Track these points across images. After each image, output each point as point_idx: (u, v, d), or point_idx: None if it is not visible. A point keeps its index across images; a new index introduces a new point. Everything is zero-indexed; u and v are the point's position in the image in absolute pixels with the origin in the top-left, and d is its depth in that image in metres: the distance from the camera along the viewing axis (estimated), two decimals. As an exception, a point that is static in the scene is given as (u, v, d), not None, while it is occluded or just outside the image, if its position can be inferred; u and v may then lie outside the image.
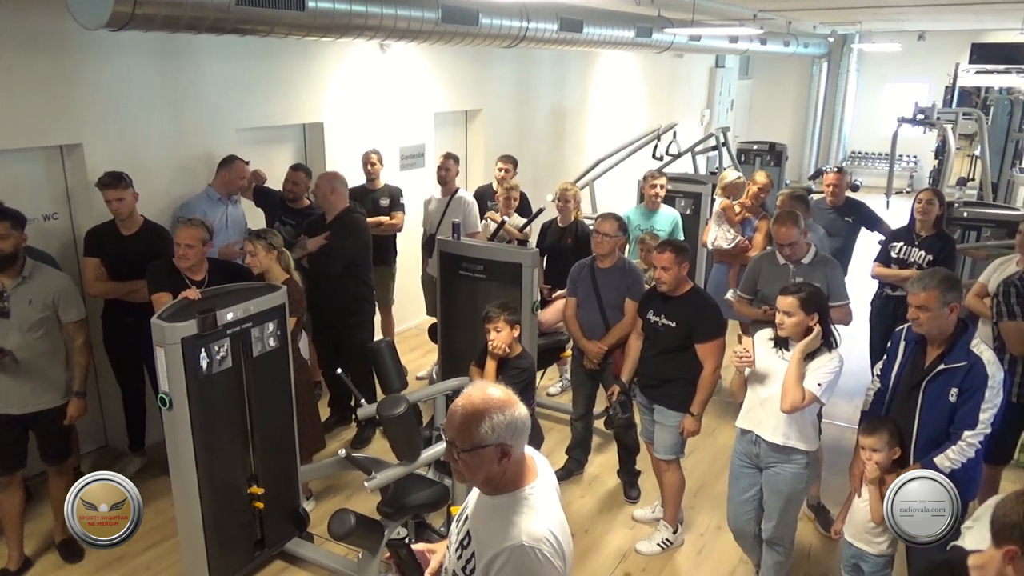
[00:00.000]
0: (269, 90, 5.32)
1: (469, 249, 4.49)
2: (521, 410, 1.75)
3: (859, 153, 15.12)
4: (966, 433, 2.76)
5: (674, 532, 4.01)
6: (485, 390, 1.78)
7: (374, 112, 6.20)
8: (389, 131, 6.35)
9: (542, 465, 1.92)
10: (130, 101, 4.49)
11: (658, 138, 7.05)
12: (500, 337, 3.38)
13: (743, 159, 9.29)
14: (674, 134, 7.25)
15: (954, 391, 2.79)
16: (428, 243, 5.64)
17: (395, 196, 5.57)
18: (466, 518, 1.89)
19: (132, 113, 4.51)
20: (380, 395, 3.56)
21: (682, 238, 5.27)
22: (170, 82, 4.69)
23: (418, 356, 6.38)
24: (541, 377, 5.41)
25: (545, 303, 5.19)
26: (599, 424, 4.96)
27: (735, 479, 3.42)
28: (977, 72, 12.98)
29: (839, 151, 14.82)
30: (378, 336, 5.40)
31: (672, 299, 3.70)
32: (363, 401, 3.56)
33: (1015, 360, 3.62)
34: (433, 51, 6.58)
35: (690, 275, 3.77)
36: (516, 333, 3.43)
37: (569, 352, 4.83)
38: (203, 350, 3.16)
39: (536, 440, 3.51)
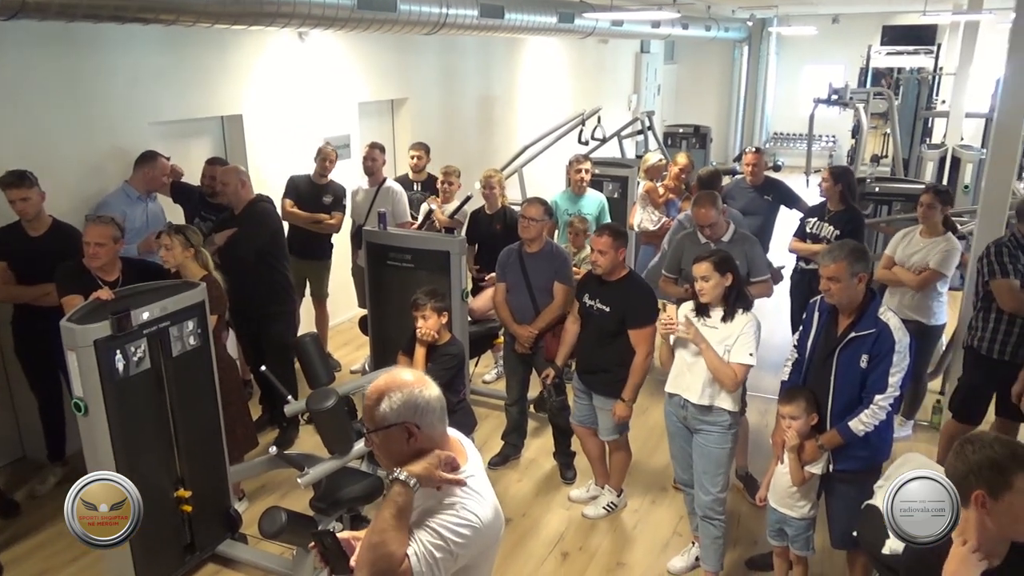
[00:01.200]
0: (184, 82, 5.14)
1: (396, 239, 4.45)
2: (427, 390, 1.74)
3: (781, 134, 15.58)
4: (877, 397, 2.88)
5: (618, 496, 4.12)
6: (394, 373, 1.78)
7: (295, 103, 6.07)
8: (312, 122, 6.23)
9: (471, 448, 1.92)
10: (31, 95, 4.27)
11: (583, 123, 7.11)
12: (428, 324, 3.37)
13: (669, 142, 9.48)
14: (598, 119, 7.32)
15: (865, 357, 2.90)
16: (357, 235, 5.56)
17: (338, 196, 5.49)
18: None
19: (34, 108, 4.29)
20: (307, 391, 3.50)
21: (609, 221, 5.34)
22: (75, 75, 4.48)
23: (352, 350, 6.31)
24: (476, 364, 5.43)
25: (479, 289, 5.21)
26: (535, 408, 5.02)
27: (672, 437, 3.51)
28: (888, 53, 13.53)
29: (762, 132, 15.25)
30: (310, 331, 5.30)
31: (608, 284, 3.74)
32: (289, 397, 3.50)
33: (1000, 317, 3.84)
34: (354, 39, 6.47)
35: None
36: (444, 320, 3.42)
37: (502, 339, 4.85)
38: (118, 352, 3.05)
39: (468, 425, 3.52)
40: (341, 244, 5.91)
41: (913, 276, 4.36)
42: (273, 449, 3.18)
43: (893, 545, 2.44)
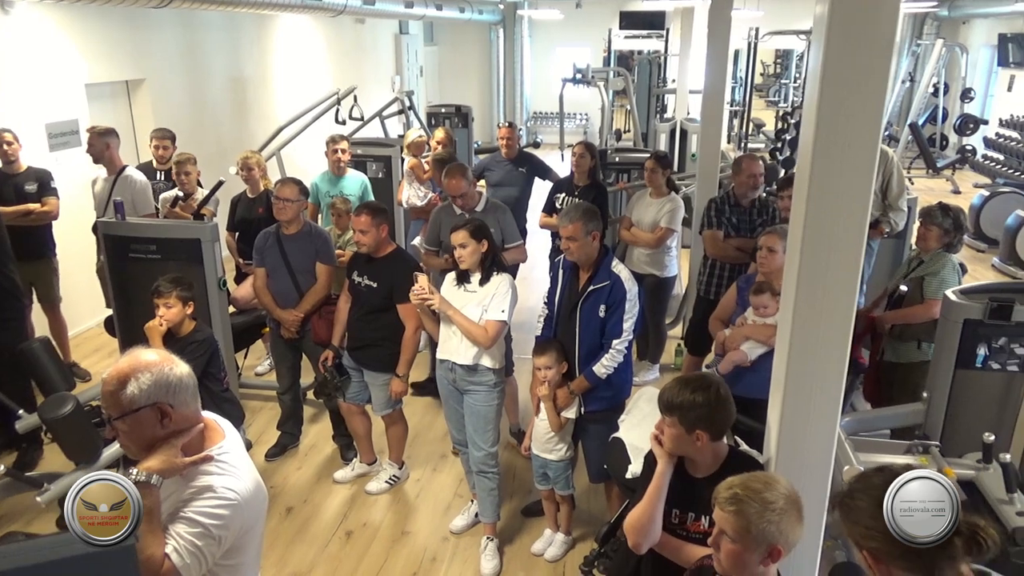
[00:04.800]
0: None
1: (138, 228, 4.12)
2: (177, 368, 1.69)
3: (540, 113, 16.46)
4: (615, 342, 3.21)
5: (400, 468, 4.19)
6: (135, 354, 1.70)
7: (3, 85, 5.34)
8: (28, 106, 5.53)
9: (228, 427, 1.87)
10: None
11: (339, 103, 7.00)
12: (170, 313, 3.18)
13: (432, 122, 9.61)
14: (355, 98, 7.25)
15: (603, 307, 3.22)
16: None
17: (44, 180, 4.88)
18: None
19: None
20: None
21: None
22: None
23: (103, 357, 5.74)
24: (245, 356, 5.21)
25: (243, 277, 4.99)
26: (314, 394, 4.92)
27: (445, 400, 3.63)
28: (626, 37, 14.77)
29: (522, 111, 15.99)
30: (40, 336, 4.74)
31: (375, 260, 3.78)
32: (21, 412, 3.14)
33: (712, 263, 4.49)
34: (71, 12, 5.81)
35: (392, 235, 3.86)
36: (189, 310, 3.25)
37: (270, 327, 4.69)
38: None
39: (235, 417, 3.38)
40: (76, 241, 5.33)
41: (650, 235, 4.87)
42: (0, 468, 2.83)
43: (634, 468, 2.76)
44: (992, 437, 2.59)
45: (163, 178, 5.45)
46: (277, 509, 4.00)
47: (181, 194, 4.95)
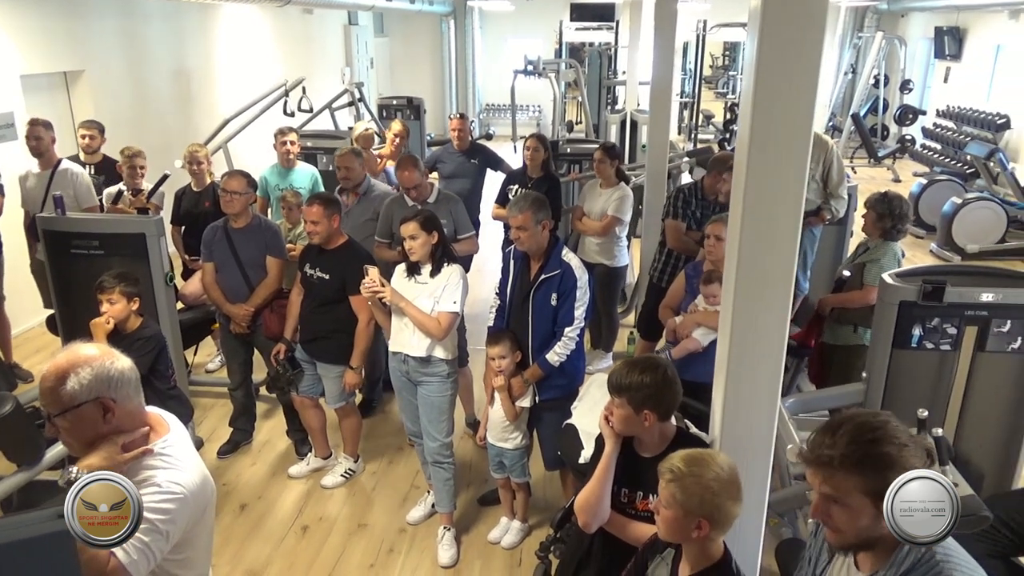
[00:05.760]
0: None
1: (79, 224, 4.01)
2: (118, 362, 1.67)
3: (492, 105, 16.44)
4: (567, 329, 3.26)
5: (355, 461, 4.18)
6: (74, 349, 1.67)
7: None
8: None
9: (173, 421, 1.85)
10: None
11: (286, 95, 6.91)
12: (115, 309, 3.12)
13: (384, 114, 9.55)
14: (303, 89, 7.16)
15: (554, 296, 3.26)
16: (32, 226, 4.89)
17: None
18: None
19: None
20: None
21: (322, 193, 5.28)
22: None
23: (46, 357, 5.58)
24: (195, 354, 5.12)
25: (190, 272, 4.90)
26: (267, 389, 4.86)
27: (399, 392, 3.63)
28: (577, 29, 14.85)
29: (475, 103, 15.95)
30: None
31: (326, 252, 3.76)
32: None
33: (669, 252, 4.52)
34: (5, 0, 5.61)
35: None
36: (135, 306, 3.19)
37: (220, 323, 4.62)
38: None
39: (183, 415, 3.33)
40: (8, 240, 5.15)
41: (597, 224, 4.93)
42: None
43: (587, 454, 2.81)
44: (925, 413, 2.70)
45: (92, 171, 5.29)
46: (230, 506, 3.96)
47: (124, 188, 4.83)
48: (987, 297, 3.01)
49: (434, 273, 3.38)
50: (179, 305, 4.53)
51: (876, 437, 1.52)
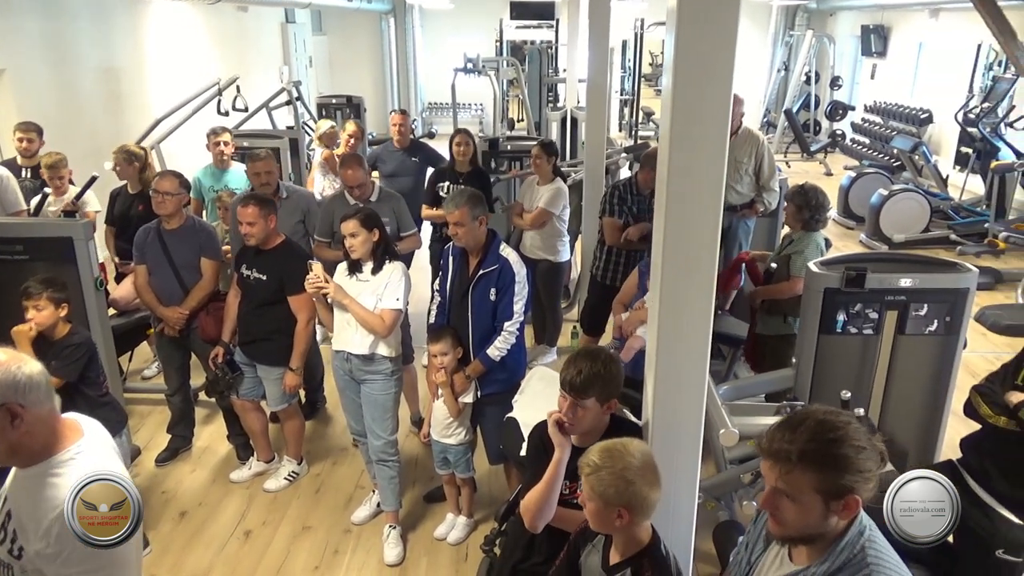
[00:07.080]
0: None
1: (1, 228, 3.87)
2: (27, 366, 1.63)
3: (435, 104, 16.38)
4: (506, 324, 3.29)
5: (299, 464, 4.14)
6: None
7: None
8: None
9: (90, 426, 1.81)
10: None
11: (220, 94, 6.77)
12: (41, 316, 3.02)
13: (324, 113, 9.45)
14: (238, 88, 7.03)
15: (493, 291, 3.29)
16: (-48, 232, 4.70)
17: None
18: (4, 499, 1.73)
19: None
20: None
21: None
22: None
23: (-31, 368, 5.35)
24: (130, 360, 4.99)
25: (121, 277, 4.78)
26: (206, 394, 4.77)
27: (342, 391, 3.60)
28: (517, 27, 14.92)
29: (417, 102, 15.88)
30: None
31: (263, 252, 3.70)
32: None
33: (608, 249, 4.56)
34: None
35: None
36: (63, 313, 3.09)
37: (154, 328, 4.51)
38: None
39: (117, 422, 3.24)
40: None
41: (529, 217, 4.97)
42: None
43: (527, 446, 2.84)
44: (848, 394, 2.84)
45: (29, 175, 5.12)
46: (170, 514, 3.87)
47: (49, 192, 4.67)
48: (905, 282, 3.16)
49: (376, 271, 3.37)
50: (111, 311, 4.41)
51: (837, 437, 1.49)
